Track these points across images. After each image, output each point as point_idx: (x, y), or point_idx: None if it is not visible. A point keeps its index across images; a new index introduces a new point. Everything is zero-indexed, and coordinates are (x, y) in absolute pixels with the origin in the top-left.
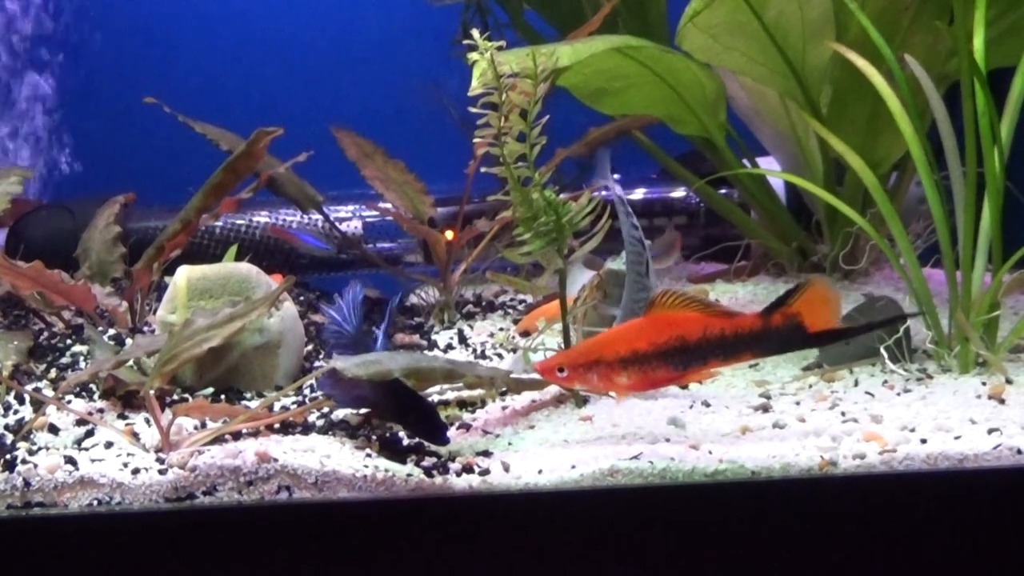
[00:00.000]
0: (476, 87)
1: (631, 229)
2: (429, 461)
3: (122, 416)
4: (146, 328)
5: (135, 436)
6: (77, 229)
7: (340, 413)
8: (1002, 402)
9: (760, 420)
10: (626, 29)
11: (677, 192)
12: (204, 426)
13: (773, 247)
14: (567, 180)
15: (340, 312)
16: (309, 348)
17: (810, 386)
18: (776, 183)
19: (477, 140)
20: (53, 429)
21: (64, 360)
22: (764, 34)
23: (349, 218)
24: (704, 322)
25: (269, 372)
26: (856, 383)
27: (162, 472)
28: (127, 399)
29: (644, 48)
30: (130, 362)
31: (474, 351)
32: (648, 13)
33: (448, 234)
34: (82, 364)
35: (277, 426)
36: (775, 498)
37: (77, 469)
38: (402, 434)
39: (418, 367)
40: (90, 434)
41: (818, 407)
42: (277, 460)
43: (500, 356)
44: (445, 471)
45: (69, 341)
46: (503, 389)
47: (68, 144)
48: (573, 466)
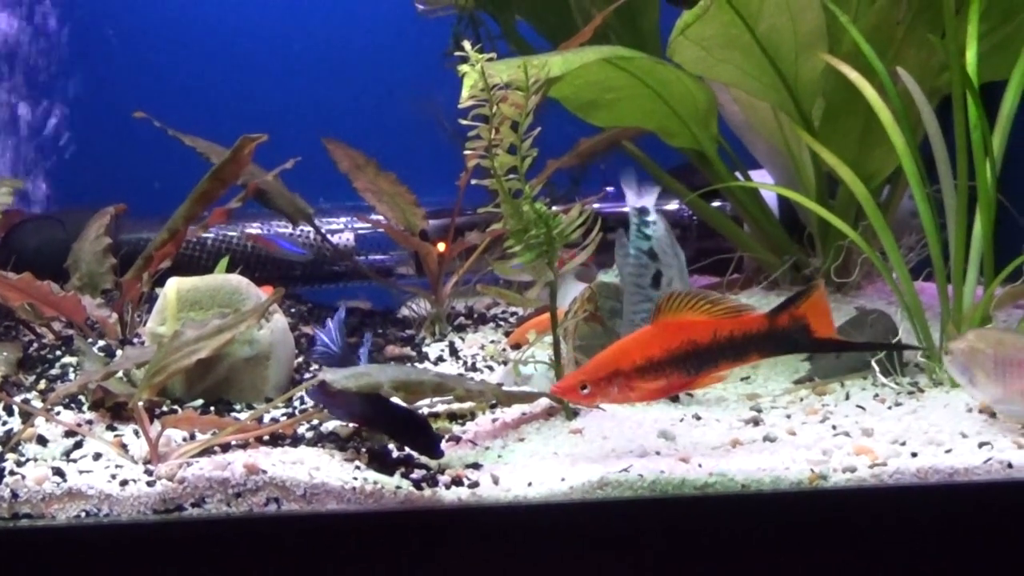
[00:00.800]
0: (466, 98)
1: (641, 242)
2: (418, 473)
3: (111, 428)
4: (136, 340)
5: (124, 448)
6: (68, 240)
7: (329, 425)
8: (993, 416)
9: (751, 433)
10: (618, 41)
11: (670, 205)
12: (193, 438)
13: (766, 260)
14: (559, 192)
15: (328, 334)
16: (299, 360)
17: (801, 399)
18: (769, 196)
19: (468, 152)
20: (41, 440)
21: (53, 371)
22: (756, 47)
23: (341, 230)
24: (713, 325)
25: (259, 384)
26: (847, 396)
27: (150, 484)
28: (116, 411)
29: (635, 59)
30: (119, 374)
31: (465, 363)
32: (640, 25)
33: (440, 246)
34: (71, 375)
35: (266, 438)
36: (765, 511)
37: (65, 481)
38: (391, 446)
39: (407, 380)
40: (79, 446)
41: (809, 420)
42: (266, 472)
43: (491, 368)
44: (434, 484)
45: (59, 352)
46: (493, 402)
47: (59, 155)
48: (563, 479)
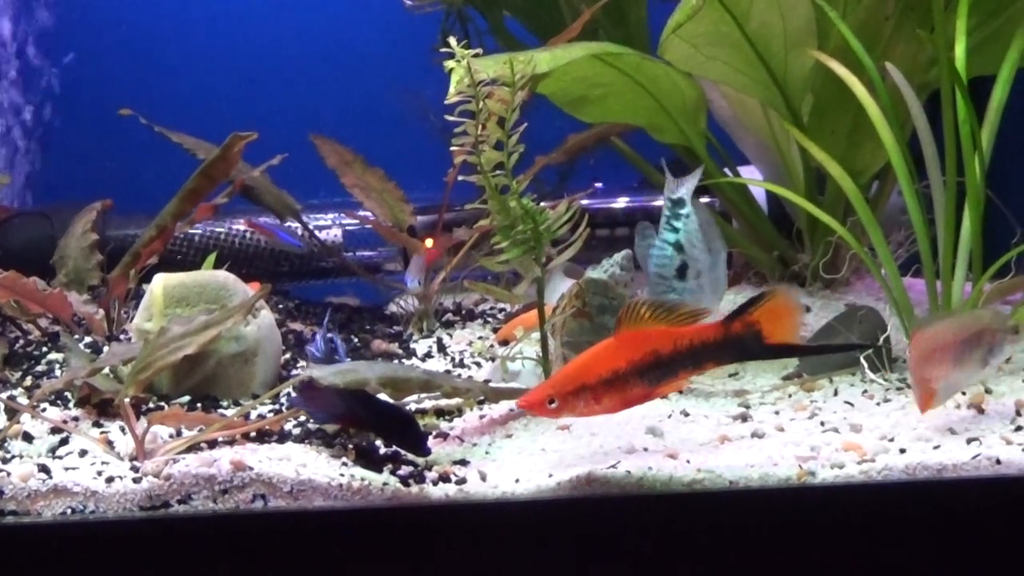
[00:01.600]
0: (453, 94)
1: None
2: (405, 470)
3: (97, 424)
4: (123, 336)
5: (110, 444)
6: (55, 236)
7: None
8: (981, 412)
9: (739, 429)
10: (606, 36)
11: (658, 201)
12: (179, 434)
13: (754, 256)
14: (547, 188)
15: (317, 348)
16: (286, 356)
17: (790, 395)
18: (757, 192)
19: (454, 148)
20: (27, 437)
21: (39, 368)
22: (746, 44)
23: (329, 226)
24: (673, 334)
25: (246, 380)
26: (836, 392)
27: (136, 480)
28: (102, 407)
29: (624, 55)
30: (106, 370)
31: (453, 360)
32: (628, 20)
33: (428, 242)
34: (58, 372)
35: (253, 435)
36: (753, 508)
37: (51, 477)
38: (379, 443)
39: (395, 376)
40: (64, 442)
41: (797, 416)
42: (252, 469)
43: (479, 365)
44: (422, 480)
45: (45, 349)
46: (481, 398)
47: (46, 151)
48: (550, 475)
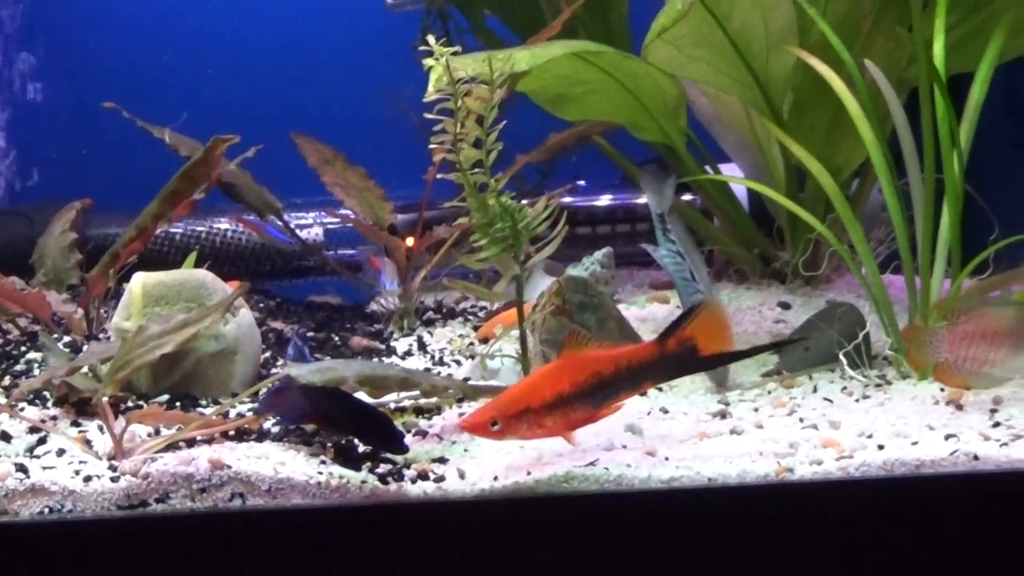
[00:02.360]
0: (432, 92)
1: (668, 244)
2: (384, 468)
3: (75, 423)
4: (102, 335)
5: (88, 443)
6: (35, 235)
7: None
8: (960, 408)
9: (718, 426)
10: (586, 33)
11: (640, 199)
12: (158, 433)
13: (735, 253)
14: (528, 186)
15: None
16: (266, 355)
17: (769, 392)
18: (738, 189)
19: (434, 146)
20: (5, 436)
21: (18, 367)
22: (728, 44)
23: (310, 225)
24: (614, 357)
25: (225, 379)
26: (815, 389)
27: (114, 479)
28: (81, 406)
29: (604, 54)
30: (84, 369)
31: (433, 358)
32: (609, 17)
33: (409, 240)
34: (36, 371)
35: (232, 433)
36: (731, 504)
37: (28, 477)
38: (357, 440)
39: (373, 375)
40: (42, 441)
41: (776, 413)
42: (230, 467)
43: (458, 363)
44: (400, 478)
45: (24, 348)
46: (460, 396)
47: (28, 150)
48: (528, 472)
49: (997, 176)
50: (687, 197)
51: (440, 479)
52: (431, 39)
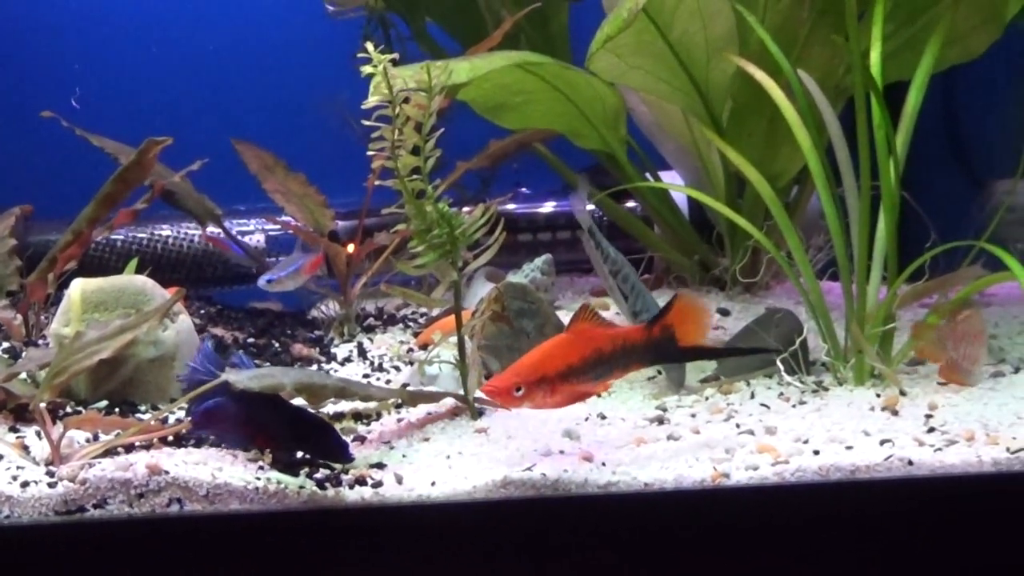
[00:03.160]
0: (371, 101)
1: (601, 252)
2: (322, 473)
3: (13, 429)
4: (42, 341)
5: (25, 449)
6: None
7: None
8: (895, 414)
9: (655, 432)
10: (528, 42)
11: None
12: (96, 439)
13: (675, 260)
14: (470, 193)
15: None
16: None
17: (706, 398)
18: (678, 197)
19: (372, 152)
20: None
21: None
22: (669, 53)
23: (252, 232)
24: (612, 335)
25: (164, 385)
26: (752, 395)
27: (52, 485)
28: (19, 412)
29: (545, 64)
30: (23, 375)
31: (372, 364)
32: (550, 26)
33: (349, 247)
34: None
35: (170, 439)
36: (667, 510)
37: None
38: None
39: (311, 383)
40: None
41: (713, 419)
42: (168, 472)
43: (398, 369)
44: (338, 483)
45: None
46: (399, 402)
47: None
48: (466, 478)
49: (933, 183)
50: (630, 204)
51: (378, 484)
52: (370, 46)
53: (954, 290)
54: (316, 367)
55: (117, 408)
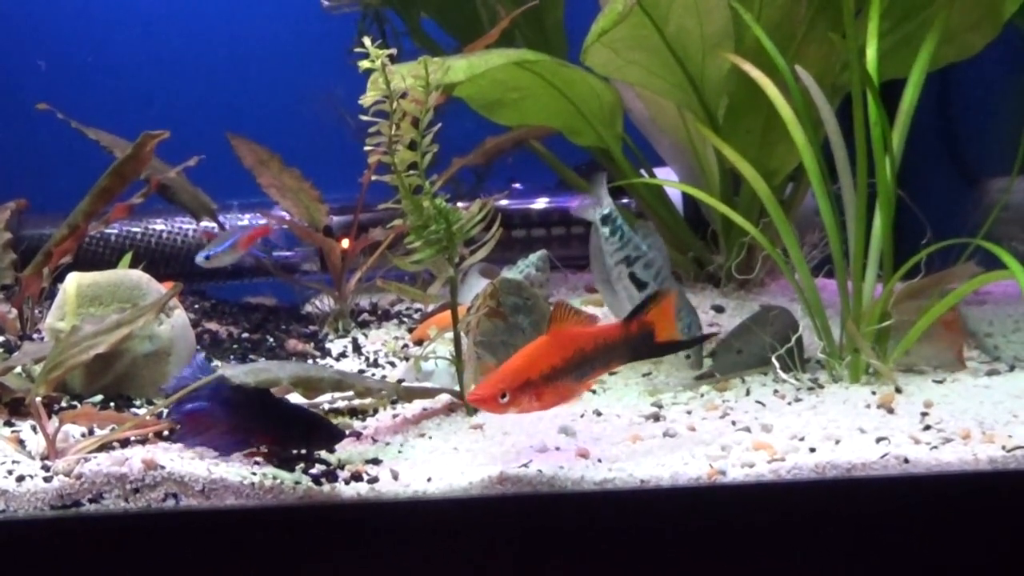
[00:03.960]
0: (370, 97)
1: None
2: (318, 469)
3: (8, 423)
4: (36, 335)
5: (21, 444)
6: None
7: None
8: (891, 411)
9: (651, 429)
10: (523, 37)
11: (575, 202)
12: (92, 434)
13: (670, 257)
14: (465, 189)
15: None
16: (201, 356)
17: (702, 395)
18: (673, 193)
19: (369, 147)
20: None
21: None
22: (664, 48)
23: (246, 226)
24: (592, 334)
25: (159, 379)
26: (748, 392)
27: (47, 480)
28: (14, 407)
29: (541, 61)
30: (18, 369)
31: (367, 359)
32: (545, 22)
33: (344, 242)
34: None
35: (166, 433)
36: (663, 507)
37: None
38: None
39: (307, 376)
40: None
41: (709, 416)
42: (164, 467)
43: (393, 365)
44: (334, 479)
45: None
46: (395, 398)
47: None
48: (462, 474)
49: (929, 181)
50: (625, 201)
51: (374, 480)
52: (367, 41)
53: (949, 287)
54: (312, 362)
55: (112, 403)
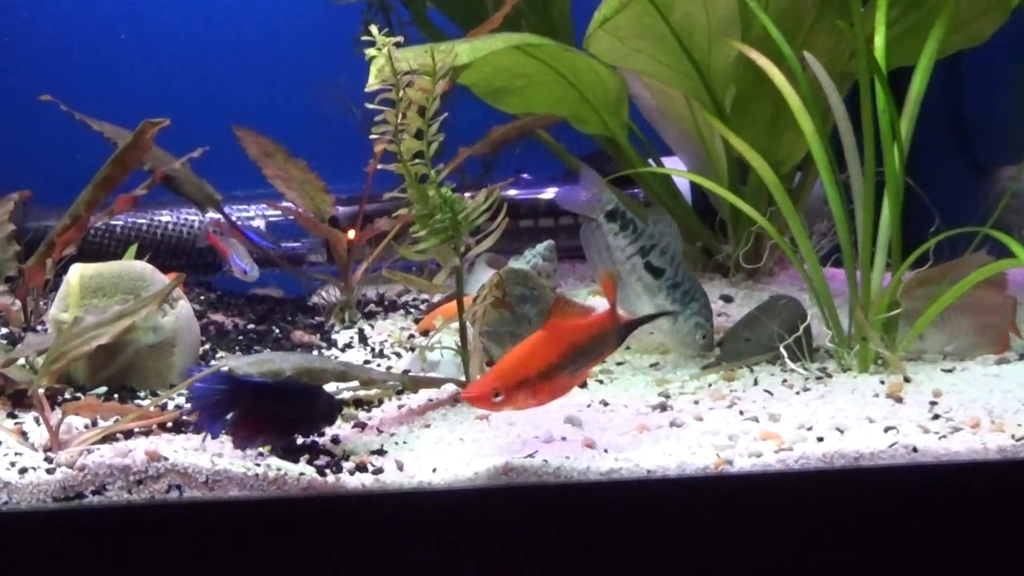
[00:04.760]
0: (374, 83)
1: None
2: (323, 460)
3: (12, 415)
4: (40, 327)
5: (24, 435)
6: None
7: None
8: (899, 401)
9: (658, 419)
10: (529, 26)
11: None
12: (95, 425)
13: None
14: (471, 179)
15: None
16: (205, 347)
17: (710, 385)
18: (681, 182)
19: (374, 136)
20: None
21: None
22: (670, 36)
23: (252, 218)
24: (585, 327)
25: (163, 371)
26: (756, 382)
27: (50, 471)
28: (17, 398)
29: (545, 46)
30: (21, 360)
31: (373, 350)
32: (551, 10)
33: (350, 233)
34: None
35: (169, 425)
36: (670, 496)
37: None
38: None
39: (310, 367)
40: None
41: (716, 406)
42: (167, 459)
43: (399, 355)
44: (338, 470)
45: None
46: (400, 388)
47: None
48: (467, 464)
49: (938, 170)
50: (634, 190)
51: (378, 471)
52: (374, 30)
53: (958, 276)
54: (317, 353)
55: (116, 394)
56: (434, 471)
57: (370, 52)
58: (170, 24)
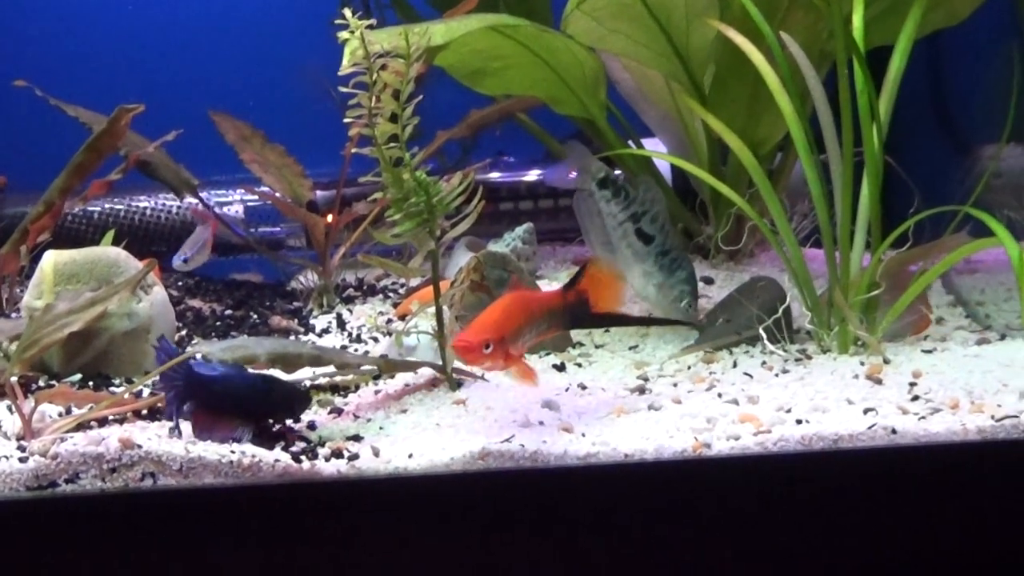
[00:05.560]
0: (347, 66)
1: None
2: (298, 446)
3: None
4: (15, 315)
5: None
6: None
7: None
8: (879, 382)
9: (636, 402)
10: (507, 7)
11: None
12: (69, 413)
13: None
14: (450, 163)
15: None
16: (182, 333)
17: (688, 367)
18: (661, 164)
19: (348, 120)
20: None
21: None
22: (648, 16)
23: (230, 203)
24: (541, 298)
25: (138, 358)
26: (735, 364)
27: (23, 460)
28: None
29: (521, 27)
30: None
31: (350, 335)
32: None
33: (328, 217)
34: None
35: (144, 412)
36: (647, 480)
37: None
38: (271, 420)
39: (285, 352)
40: None
41: (695, 389)
42: (141, 447)
43: (376, 340)
44: (314, 456)
45: None
46: (376, 373)
47: None
48: (444, 449)
49: (918, 149)
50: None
51: (354, 457)
52: (348, 12)
53: (939, 256)
54: (293, 339)
55: (91, 381)
56: (410, 457)
57: (343, 35)
58: (146, 8)
